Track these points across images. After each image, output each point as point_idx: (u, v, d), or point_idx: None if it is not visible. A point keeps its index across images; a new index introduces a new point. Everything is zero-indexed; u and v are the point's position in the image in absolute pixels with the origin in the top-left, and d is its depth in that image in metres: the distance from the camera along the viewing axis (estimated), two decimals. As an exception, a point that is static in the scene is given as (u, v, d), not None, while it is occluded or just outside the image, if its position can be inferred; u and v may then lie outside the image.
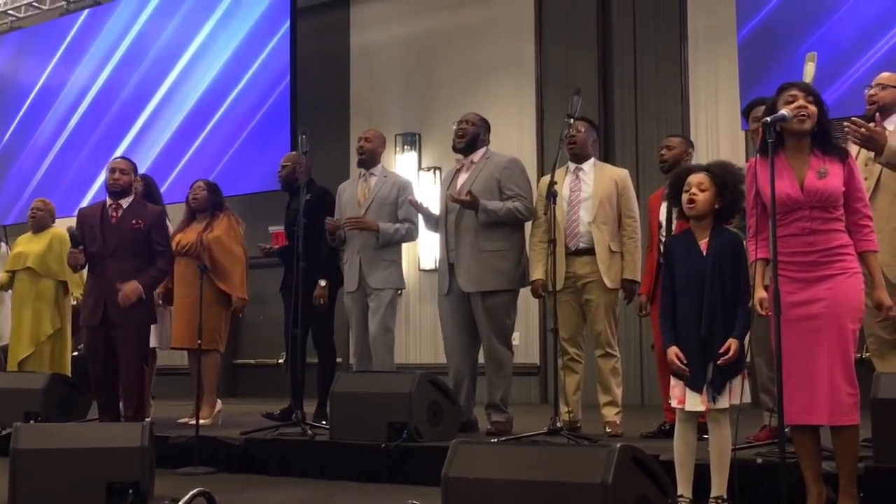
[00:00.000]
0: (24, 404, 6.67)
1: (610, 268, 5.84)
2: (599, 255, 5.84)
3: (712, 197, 4.05)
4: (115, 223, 6.30)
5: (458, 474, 3.61)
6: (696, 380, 3.99)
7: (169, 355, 8.41)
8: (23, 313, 7.88)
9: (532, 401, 9.37)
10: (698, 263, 4.03)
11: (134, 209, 6.38)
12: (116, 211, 6.34)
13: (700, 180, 4.07)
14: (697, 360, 3.99)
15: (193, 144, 11.20)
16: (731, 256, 4.02)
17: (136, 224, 6.28)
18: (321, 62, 11.08)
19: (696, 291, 4.00)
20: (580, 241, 5.88)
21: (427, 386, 5.65)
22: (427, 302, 10.00)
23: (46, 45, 12.79)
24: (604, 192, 5.91)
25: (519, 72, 9.88)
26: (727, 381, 3.97)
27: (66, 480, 4.54)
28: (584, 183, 5.96)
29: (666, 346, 4.10)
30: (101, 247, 6.28)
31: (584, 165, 6.02)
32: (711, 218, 4.08)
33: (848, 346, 3.77)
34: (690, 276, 4.04)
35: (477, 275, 5.94)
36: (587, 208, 5.89)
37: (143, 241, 6.31)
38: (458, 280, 6.00)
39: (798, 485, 3.87)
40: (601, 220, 5.87)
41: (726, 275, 3.99)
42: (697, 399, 4.00)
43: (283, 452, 5.90)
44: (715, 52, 8.85)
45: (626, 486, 3.33)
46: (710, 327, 3.96)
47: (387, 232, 6.39)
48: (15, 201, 12.63)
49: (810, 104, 3.85)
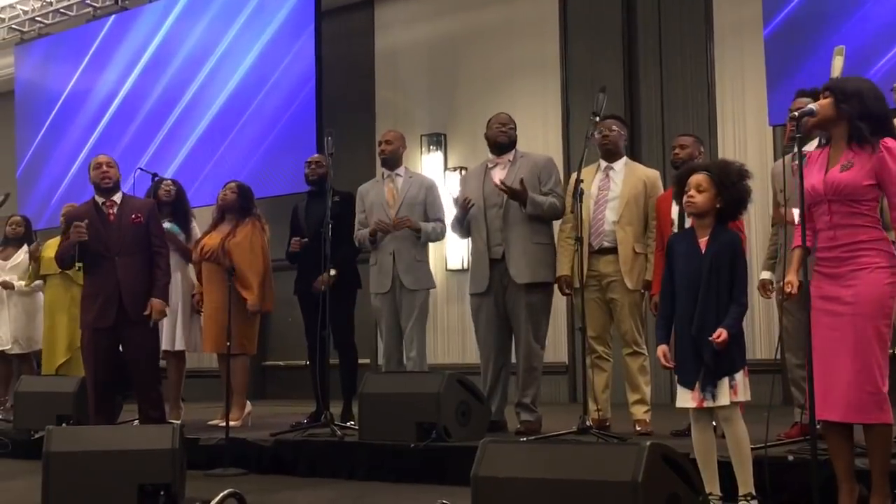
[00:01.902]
0: (56, 408, 6.73)
1: (632, 269, 5.84)
2: (622, 256, 5.84)
3: (712, 197, 4.07)
4: (114, 221, 6.21)
5: (487, 474, 3.60)
6: (686, 377, 4.03)
7: (198, 358, 8.47)
8: (57, 318, 7.95)
9: (561, 400, 9.35)
10: (697, 262, 4.05)
11: (129, 203, 6.32)
12: (111, 208, 6.24)
13: (699, 181, 4.09)
14: (690, 357, 4.02)
15: (220, 148, 11.25)
16: (729, 257, 4.04)
17: (136, 218, 6.20)
18: (346, 64, 11.09)
19: (693, 290, 4.04)
20: (604, 240, 5.88)
21: (455, 386, 5.66)
22: (454, 302, 10.00)
23: (74, 51, 12.88)
24: (631, 193, 5.89)
25: (544, 71, 9.86)
26: (717, 378, 3.97)
27: (98, 482, 4.57)
28: (612, 182, 5.95)
29: (658, 343, 4.17)
30: (105, 247, 6.17)
31: (615, 164, 6.02)
32: (713, 217, 4.10)
33: (869, 344, 3.71)
34: (689, 274, 4.07)
35: (531, 266, 5.97)
36: (613, 208, 5.89)
37: (145, 234, 6.24)
38: (511, 271, 5.97)
39: (830, 482, 3.85)
40: (626, 221, 5.86)
41: (723, 275, 4.01)
42: (688, 395, 4.03)
43: (313, 453, 5.92)
44: (741, 47, 8.79)
45: (656, 484, 3.32)
46: (701, 326, 3.98)
47: (426, 231, 6.43)
48: (45, 206, 12.73)
49: (824, 99, 3.85)
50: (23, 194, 13.00)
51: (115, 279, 6.15)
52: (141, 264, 6.21)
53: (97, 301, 6.19)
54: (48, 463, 4.58)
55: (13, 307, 8.57)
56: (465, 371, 6.29)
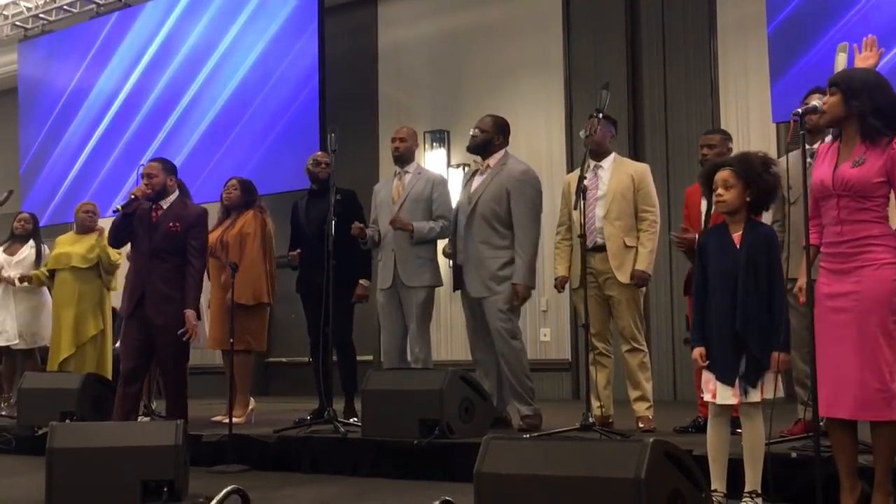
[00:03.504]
0: (60, 404, 6.73)
1: (623, 263, 5.87)
2: (611, 251, 5.88)
3: (741, 192, 4.03)
4: (155, 222, 6.26)
5: (490, 470, 3.60)
6: (728, 373, 3.98)
7: (202, 354, 8.47)
8: (65, 314, 7.96)
9: (564, 396, 9.36)
10: (732, 257, 4.01)
11: (174, 210, 6.29)
12: (157, 212, 6.29)
13: (725, 177, 4.06)
14: (731, 353, 3.97)
15: (223, 144, 11.26)
16: (765, 249, 4.00)
17: (172, 227, 6.20)
18: (349, 61, 11.10)
19: (730, 285, 3.99)
20: (597, 237, 5.91)
21: (458, 382, 5.66)
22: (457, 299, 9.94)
23: (77, 47, 12.89)
24: (618, 188, 5.93)
25: (547, 68, 9.86)
26: (760, 374, 3.95)
27: (101, 479, 4.58)
28: (601, 180, 6.00)
29: (693, 344, 4.11)
30: (144, 246, 6.25)
31: (603, 163, 6.05)
32: (745, 212, 4.07)
33: (877, 341, 3.67)
34: (724, 269, 4.03)
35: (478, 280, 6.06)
36: (602, 205, 5.93)
37: (181, 242, 6.21)
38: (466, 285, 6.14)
39: (833, 479, 3.84)
40: (614, 216, 5.90)
41: (760, 268, 3.97)
42: (729, 392, 3.98)
43: (316, 450, 5.92)
44: (744, 44, 8.79)
45: (659, 481, 3.32)
46: (744, 320, 3.94)
47: (421, 231, 6.38)
48: (48, 203, 12.75)
49: (831, 96, 3.80)
50: (26, 191, 13.03)
51: (142, 279, 6.22)
52: (170, 271, 6.19)
53: (127, 291, 6.31)
54: (52, 459, 4.59)
55: (19, 303, 8.59)
56: (468, 368, 6.31)
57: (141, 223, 6.26)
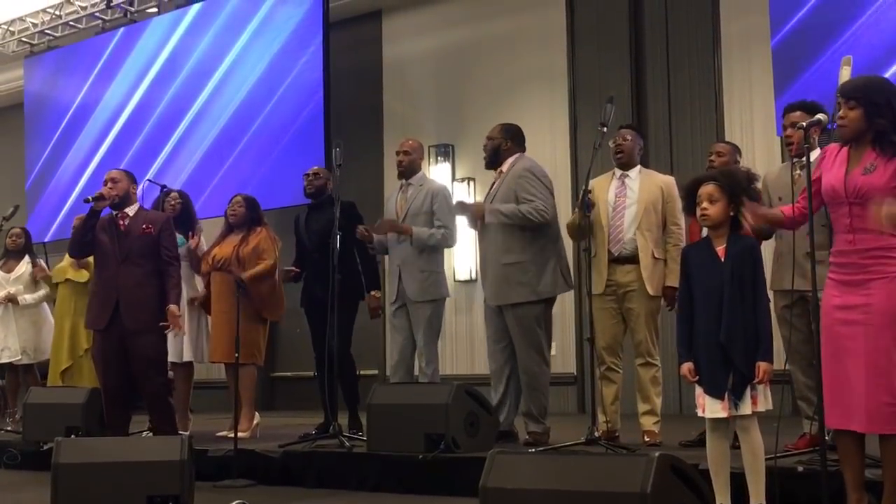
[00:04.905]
0: (65, 419, 6.74)
1: (653, 275, 5.82)
2: (643, 262, 5.82)
3: (725, 206, 4.05)
4: (125, 229, 6.29)
5: (496, 485, 3.59)
6: (716, 386, 3.99)
7: (206, 369, 8.48)
8: (63, 325, 8.10)
9: (569, 410, 9.33)
10: (717, 270, 4.02)
11: (142, 215, 6.39)
12: (123, 219, 6.32)
13: (710, 192, 4.06)
14: (718, 367, 3.98)
15: (228, 159, 11.27)
16: (750, 261, 4.02)
17: (146, 229, 6.28)
18: (354, 75, 11.12)
19: (715, 298, 4.00)
20: (623, 247, 5.86)
21: (464, 397, 5.65)
22: (462, 312, 10.01)
23: (83, 63, 12.93)
24: (649, 199, 5.88)
25: (551, 81, 9.87)
26: (747, 386, 3.95)
27: (106, 494, 4.56)
28: (629, 189, 5.94)
29: (680, 360, 4.11)
30: (112, 253, 6.25)
31: (630, 172, 6.01)
32: (728, 226, 4.08)
33: (887, 354, 3.64)
34: (709, 282, 4.04)
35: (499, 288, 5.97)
36: (632, 215, 5.88)
37: (154, 245, 6.29)
38: (485, 293, 6.07)
39: (839, 493, 3.83)
40: (645, 227, 5.85)
41: (745, 280, 3.99)
42: (718, 406, 3.99)
43: (321, 464, 5.91)
44: (748, 57, 8.80)
45: (665, 495, 3.31)
46: (730, 333, 3.95)
47: (420, 236, 6.37)
48: (53, 218, 12.78)
49: (851, 110, 3.76)
50: (32, 206, 13.05)
51: (114, 285, 6.22)
52: (144, 275, 6.24)
53: (95, 302, 6.34)
54: (57, 475, 4.58)
55: (20, 318, 8.62)
56: (473, 381, 6.29)
57: (106, 232, 6.29)
